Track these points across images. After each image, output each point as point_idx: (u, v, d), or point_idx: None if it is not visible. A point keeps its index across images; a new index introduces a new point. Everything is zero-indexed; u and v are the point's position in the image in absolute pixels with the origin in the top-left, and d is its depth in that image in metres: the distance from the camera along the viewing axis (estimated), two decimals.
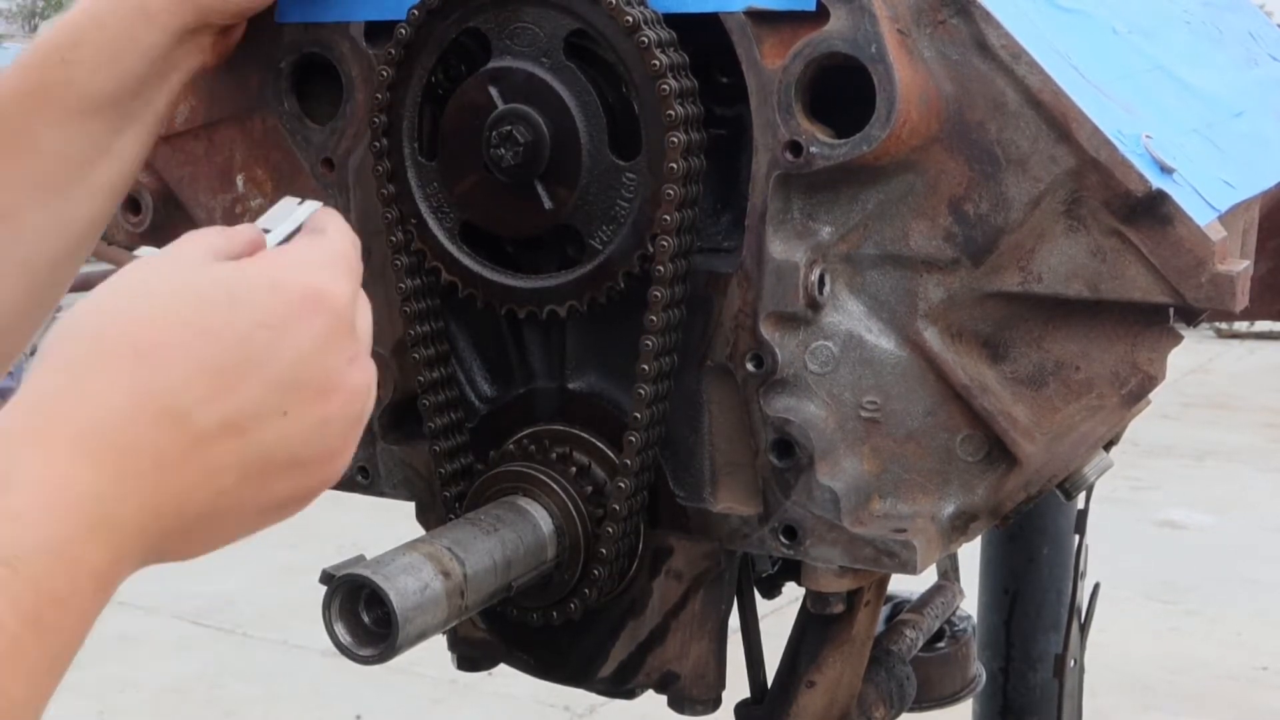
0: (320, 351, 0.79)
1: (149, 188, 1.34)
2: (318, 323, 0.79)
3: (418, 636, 1.01)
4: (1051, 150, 0.99)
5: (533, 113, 1.07)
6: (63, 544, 0.73)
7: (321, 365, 0.79)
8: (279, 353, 0.77)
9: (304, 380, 0.78)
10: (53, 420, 0.74)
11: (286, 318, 0.78)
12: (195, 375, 0.76)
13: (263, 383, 0.77)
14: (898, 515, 1.11)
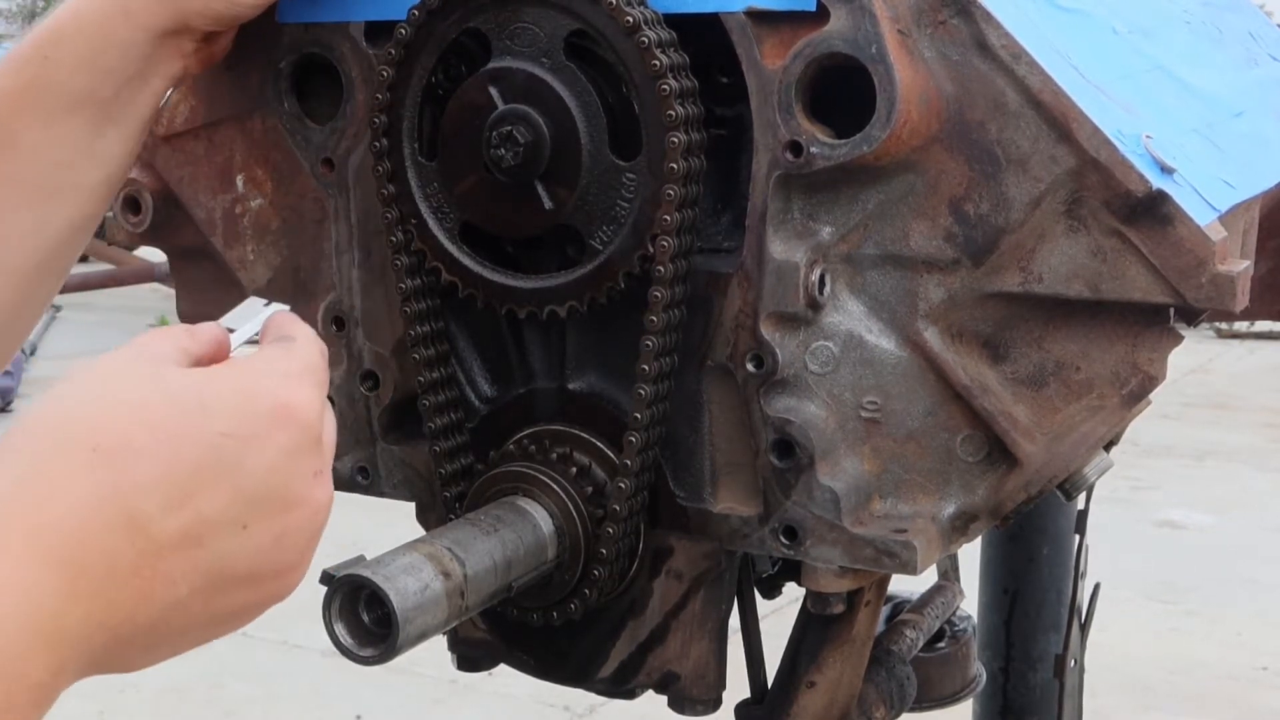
0: (286, 465, 0.77)
1: (149, 188, 1.34)
2: (285, 436, 0.77)
3: (418, 637, 1.01)
4: (1052, 150, 0.99)
5: (533, 113, 1.07)
6: (7, 657, 0.68)
7: (286, 479, 0.77)
8: (245, 464, 0.75)
9: (267, 493, 0.76)
10: (9, 515, 0.70)
11: (256, 429, 0.76)
12: (158, 480, 0.72)
13: (226, 493, 0.75)
14: (898, 515, 1.11)
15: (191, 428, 0.74)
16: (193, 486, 0.73)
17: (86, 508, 0.71)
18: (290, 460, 0.77)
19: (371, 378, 1.27)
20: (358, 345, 1.27)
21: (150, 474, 0.72)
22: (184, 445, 0.73)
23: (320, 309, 1.27)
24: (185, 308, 1.42)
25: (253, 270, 1.32)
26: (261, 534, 0.76)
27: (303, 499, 0.78)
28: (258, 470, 0.76)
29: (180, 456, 0.73)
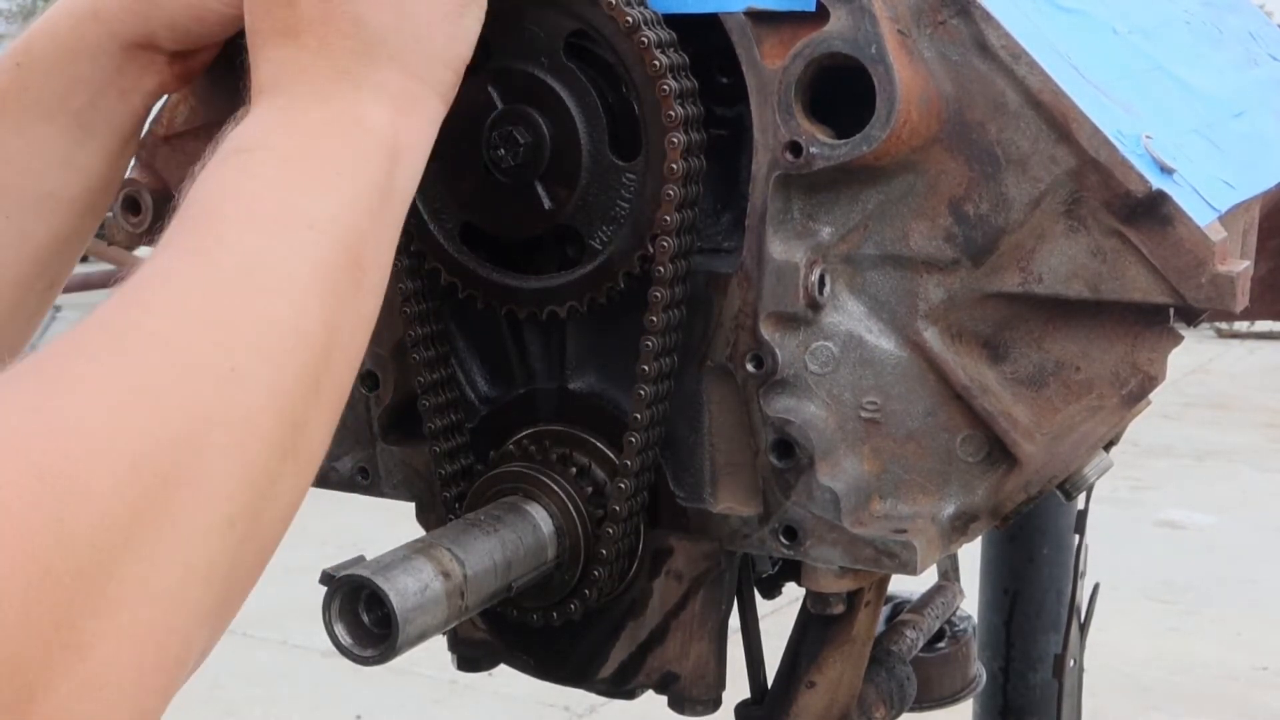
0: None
1: (149, 187, 1.34)
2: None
3: (418, 637, 1.01)
4: (1051, 150, 0.99)
5: (533, 113, 1.07)
6: (280, 123, 0.89)
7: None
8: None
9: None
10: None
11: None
12: (269, 8, 0.92)
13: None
14: (898, 516, 1.11)
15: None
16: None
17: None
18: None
19: (371, 378, 1.27)
20: None
21: (271, 17, 0.92)
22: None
23: None
24: None
25: None
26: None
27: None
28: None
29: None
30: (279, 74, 0.91)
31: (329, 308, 0.82)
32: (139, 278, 0.79)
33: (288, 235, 0.83)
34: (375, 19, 0.91)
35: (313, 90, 0.90)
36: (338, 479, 1.32)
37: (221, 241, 0.81)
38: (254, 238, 0.82)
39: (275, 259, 0.81)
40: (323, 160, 0.87)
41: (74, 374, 0.71)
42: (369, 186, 0.88)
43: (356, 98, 0.90)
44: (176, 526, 0.70)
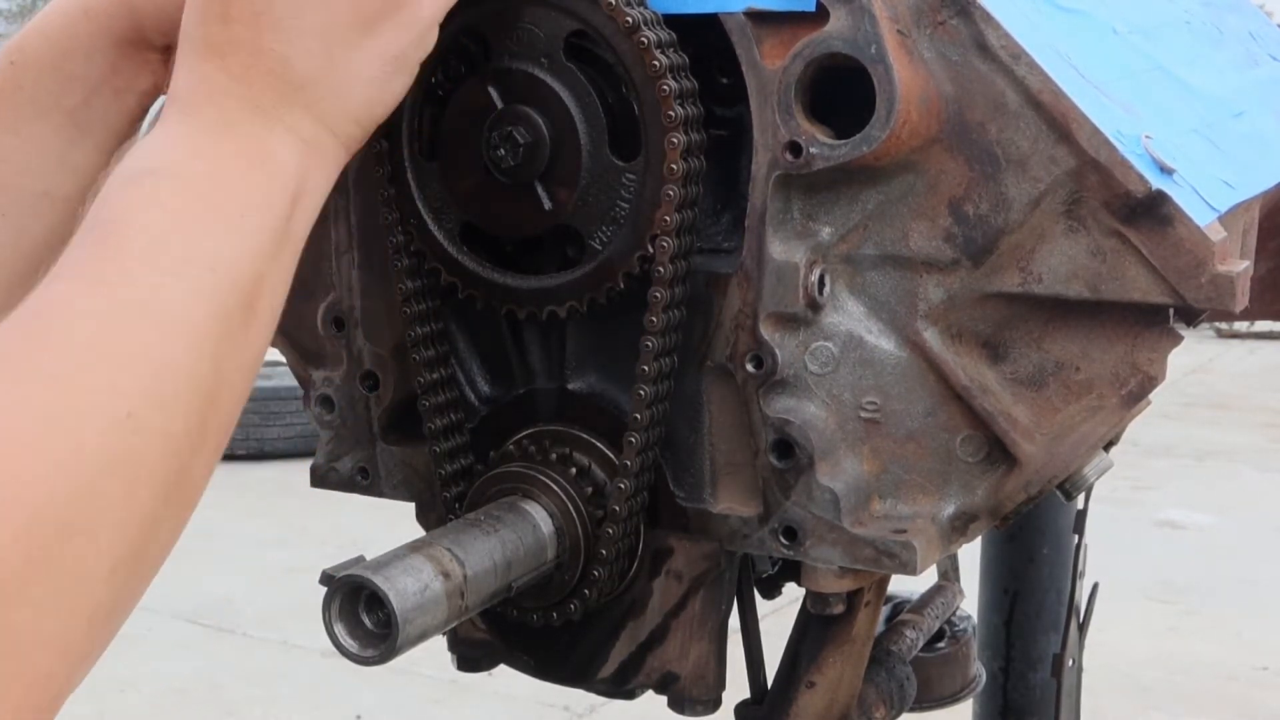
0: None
1: None
2: None
3: (418, 637, 1.01)
4: (1051, 151, 0.99)
5: (533, 113, 1.07)
6: (191, 148, 0.89)
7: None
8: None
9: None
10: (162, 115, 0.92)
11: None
12: (204, 19, 0.92)
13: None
14: (898, 516, 1.11)
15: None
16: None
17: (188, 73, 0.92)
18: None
19: (371, 378, 1.27)
20: (358, 346, 1.27)
21: (196, 16, 0.92)
22: None
23: (320, 309, 1.27)
24: None
25: None
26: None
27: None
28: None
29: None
30: (197, 89, 0.92)
31: (221, 351, 0.83)
32: (40, 303, 0.80)
33: (190, 276, 0.83)
34: (302, 64, 0.92)
35: (226, 117, 0.90)
36: (338, 479, 1.32)
37: (125, 275, 0.82)
38: (157, 276, 0.82)
39: (175, 300, 0.82)
40: (230, 196, 0.88)
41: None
42: (271, 229, 0.89)
43: (266, 135, 0.91)
44: (67, 575, 0.72)
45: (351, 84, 0.94)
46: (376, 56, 0.95)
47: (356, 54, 0.94)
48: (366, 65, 0.94)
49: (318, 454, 1.33)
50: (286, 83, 0.91)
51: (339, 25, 0.92)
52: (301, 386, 1.34)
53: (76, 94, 1.12)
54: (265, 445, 7.31)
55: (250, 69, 0.91)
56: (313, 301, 1.28)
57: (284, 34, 0.91)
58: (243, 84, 0.91)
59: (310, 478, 1.34)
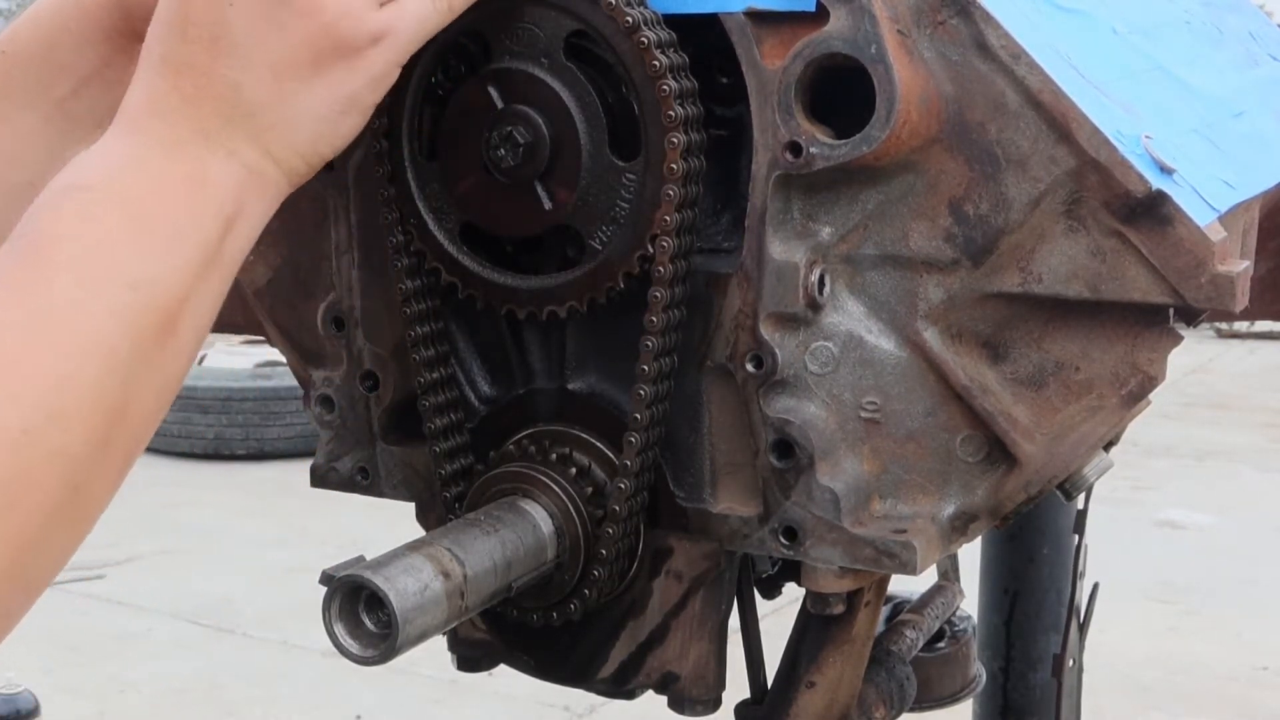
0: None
1: None
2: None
3: (418, 637, 1.01)
4: (1051, 151, 0.99)
5: (533, 113, 1.07)
6: (132, 162, 0.89)
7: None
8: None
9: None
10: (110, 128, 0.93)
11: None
12: (167, 30, 0.93)
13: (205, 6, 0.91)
14: (898, 516, 1.11)
15: None
16: (182, 13, 0.92)
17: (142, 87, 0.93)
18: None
19: (371, 378, 1.27)
20: (358, 346, 1.27)
21: (160, 31, 0.93)
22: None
23: (320, 309, 1.27)
24: None
25: (253, 270, 1.32)
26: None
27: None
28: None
29: (171, 15, 0.93)
30: (146, 105, 0.92)
31: (132, 370, 0.83)
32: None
33: (108, 293, 0.84)
34: (253, 92, 0.92)
35: (169, 136, 0.91)
36: (338, 479, 1.32)
37: (43, 287, 0.82)
38: (75, 290, 0.83)
39: (89, 316, 0.82)
40: (162, 216, 0.88)
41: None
42: (199, 251, 0.89)
43: (208, 158, 0.91)
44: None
45: (300, 118, 0.94)
46: (328, 94, 0.95)
47: (308, 89, 0.94)
48: (317, 102, 0.94)
49: (318, 454, 1.33)
50: (235, 108, 0.92)
51: (293, 59, 0.93)
52: (301, 386, 1.34)
53: (66, 84, 1.12)
54: (265, 445, 7.31)
55: (201, 91, 0.91)
56: (313, 301, 1.28)
57: (238, 60, 0.91)
58: (192, 105, 0.91)
59: (310, 478, 1.34)
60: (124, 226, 0.86)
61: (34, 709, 3.13)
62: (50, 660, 4.77)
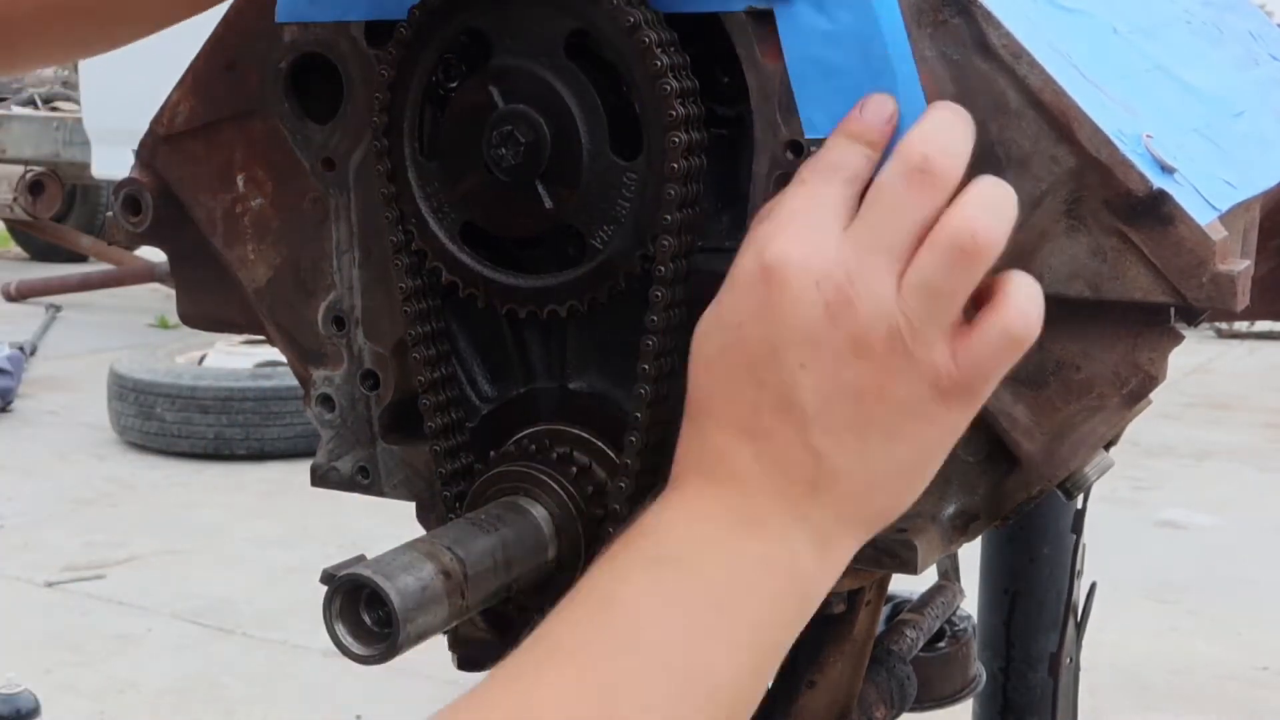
0: (784, 314, 0.86)
1: (149, 187, 1.34)
2: (769, 293, 0.87)
3: (418, 636, 1.01)
4: (1052, 150, 0.99)
5: (533, 113, 1.07)
6: (717, 543, 0.84)
7: (792, 321, 0.86)
8: (763, 335, 0.86)
9: (789, 338, 0.86)
10: (677, 474, 0.90)
11: (751, 308, 0.88)
12: (740, 398, 0.87)
13: (775, 366, 0.86)
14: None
15: (723, 344, 0.89)
16: (749, 387, 0.87)
17: (711, 447, 0.89)
18: (787, 303, 0.86)
19: (372, 377, 1.27)
20: (358, 345, 1.27)
21: (731, 398, 0.87)
22: (729, 362, 0.88)
23: (320, 309, 1.28)
24: (185, 308, 1.42)
25: (253, 270, 1.32)
26: (821, 361, 0.85)
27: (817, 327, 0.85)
28: (770, 329, 0.86)
29: (733, 372, 0.88)
30: (721, 466, 0.86)
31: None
32: (532, 680, 0.80)
33: (690, 701, 0.78)
34: (836, 457, 0.85)
35: (752, 510, 0.85)
36: (338, 478, 1.32)
37: (629, 680, 0.78)
38: (659, 691, 0.78)
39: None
40: (746, 611, 0.82)
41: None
42: (772, 645, 0.84)
43: (792, 535, 0.85)
44: None
45: (880, 480, 0.87)
46: (910, 455, 0.88)
47: (889, 452, 0.87)
48: (900, 461, 0.88)
49: (318, 453, 1.33)
50: (820, 473, 0.85)
51: (874, 422, 0.86)
52: (301, 386, 1.34)
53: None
54: (265, 445, 7.31)
55: (786, 465, 0.85)
56: (313, 301, 1.28)
57: (819, 425, 0.85)
58: (778, 480, 0.85)
59: (310, 477, 1.34)
60: (710, 620, 0.81)
61: (34, 709, 3.13)
62: (50, 660, 4.77)
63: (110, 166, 10.25)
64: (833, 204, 0.89)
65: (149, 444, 7.43)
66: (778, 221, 0.89)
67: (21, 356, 8.75)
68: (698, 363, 0.90)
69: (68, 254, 13.22)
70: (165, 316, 10.61)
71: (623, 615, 0.81)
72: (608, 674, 0.78)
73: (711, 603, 0.81)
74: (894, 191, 0.87)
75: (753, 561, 0.84)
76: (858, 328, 0.85)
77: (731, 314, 0.88)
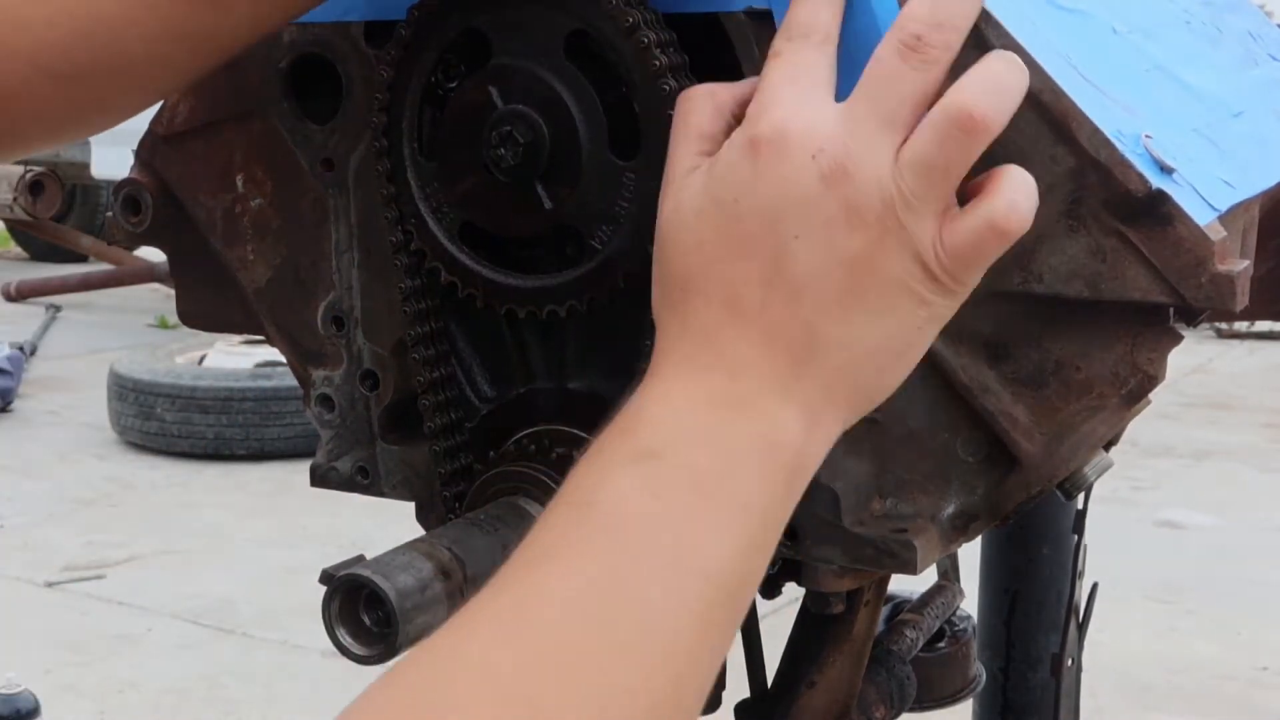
0: (780, 186, 0.85)
1: (149, 187, 1.34)
2: (766, 164, 0.86)
3: (418, 636, 1.01)
4: (1051, 150, 0.99)
5: (532, 113, 1.07)
6: (700, 430, 0.83)
7: (788, 192, 0.86)
8: (759, 208, 0.86)
9: (785, 210, 0.85)
10: (657, 364, 0.88)
11: (746, 181, 0.87)
12: (733, 274, 0.86)
13: (770, 238, 0.85)
14: (898, 515, 1.11)
15: (717, 221, 0.87)
16: (741, 262, 0.86)
17: (697, 330, 0.87)
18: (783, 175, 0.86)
19: (371, 377, 1.27)
20: (358, 345, 1.27)
21: (723, 275, 0.86)
22: (717, 240, 0.87)
23: (320, 309, 1.28)
24: (185, 308, 1.42)
25: (253, 270, 1.32)
26: (814, 230, 0.85)
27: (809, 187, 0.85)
28: (766, 202, 0.86)
29: (723, 249, 0.87)
30: (705, 352, 0.85)
31: (692, 671, 0.77)
32: (512, 589, 0.76)
33: (686, 589, 0.77)
34: (827, 331, 0.85)
35: (739, 393, 0.84)
36: (337, 479, 1.32)
37: (619, 579, 0.77)
38: (655, 589, 0.77)
39: (667, 619, 0.76)
40: (731, 491, 0.82)
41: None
42: (764, 522, 0.83)
43: (779, 414, 0.84)
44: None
45: (867, 356, 0.87)
46: (897, 331, 0.88)
47: (877, 326, 0.87)
48: (884, 339, 0.87)
49: (317, 454, 1.33)
50: (809, 350, 0.85)
51: (864, 295, 0.85)
52: (301, 386, 1.35)
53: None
54: (265, 445, 7.31)
55: (774, 338, 0.84)
56: (313, 301, 1.28)
57: (810, 298, 0.84)
58: (766, 355, 0.84)
59: (310, 477, 1.34)
60: (696, 505, 0.80)
61: (34, 709, 3.13)
62: (50, 660, 4.77)
63: (110, 166, 10.26)
64: (814, 71, 0.89)
65: (149, 444, 7.43)
66: (763, 96, 0.88)
67: (21, 356, 8.76)
68: (681, 247, 0.88)
69: (68, 254, 13.23)
70: (165, 316, 10.62)
71: (608, 516, 0.80)
72: (597, 572, 0.77)
73: (699, 492, 0.81)
74: (890, 64, 0.87)
75: (739, 443, 0.83)
76: (853, 197, 0.84)
77: (725, 190, 0.87)
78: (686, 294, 0.89)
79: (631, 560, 0.78)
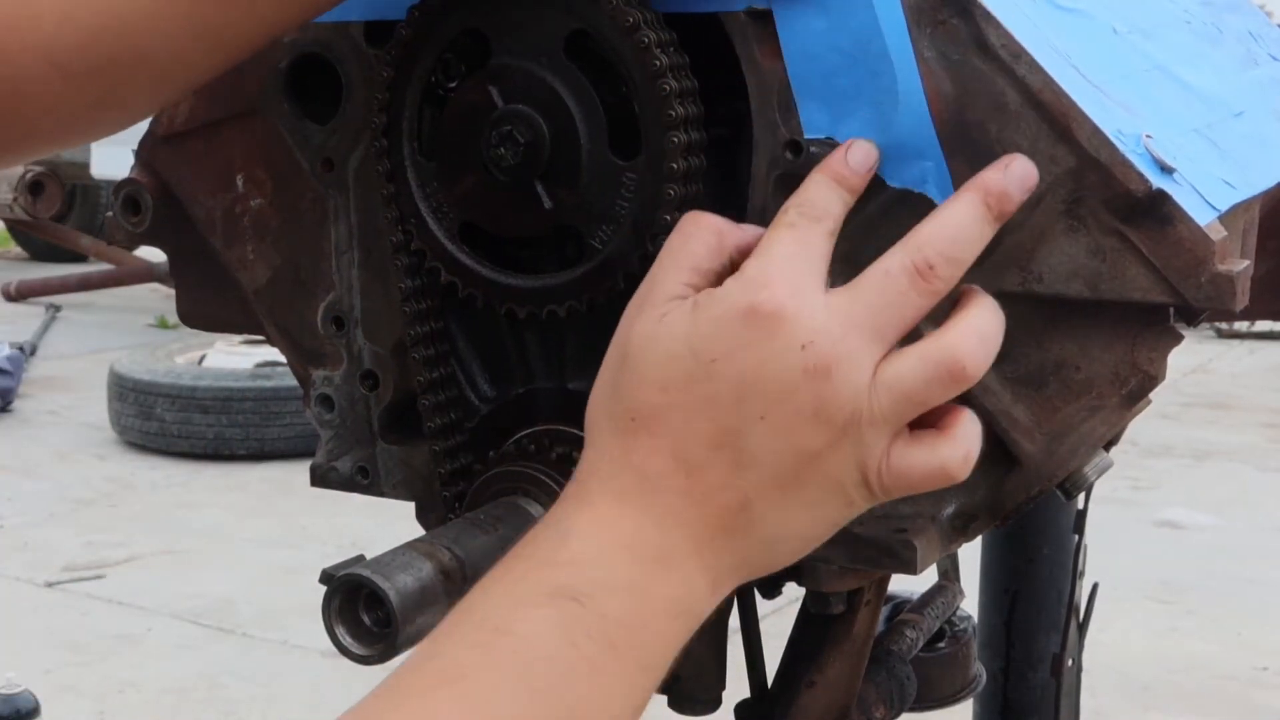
0: (762, 363, 0.87)
1: (149, 188, 1.34)
2: (753, 336, 0.87)
3: (418, 636, 1.01)
4: (1052, 150, 0.99)
5: (532, 113, 1.07)
6: (622, 580, 0.85)
7: (767, 372, 0.87)
8: (733, 374, 0.87)
9: (762, 386, 0.86)
10: (588, 486, 0.90)
11: (730, 344, 0.87)
12: (688, 429, 0.87)
13: (731, 407, 0.86)
14: (898, 515, 1.11)
15: (690, 371, 0.88)
16: (707, 418, 0.87)
17: (646, 467, 0.88)
18: (762, 356, 0.87)
19: (371, 377, 1.27)
20: (358, 345, 1.27)
21: (679, 426, 0.87)
22: (691, 392, 0.87)
23: (320, 309, 1.28)
24: (185, 308, 1.42)
25: (253, 270, 1.32)
26: (781, 416, 0.86)
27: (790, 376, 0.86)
28: (743, 373, 0.86)
29: (696, 402, 0.87)
30: (640, 493, 0.87)
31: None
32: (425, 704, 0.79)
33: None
34: (761, 510, 0.87)
35: (668, 547, 0.86)
36: (337, 478, 1.32)
37: (496, 705, 0.79)
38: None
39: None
40: (642, 650, 0.84)
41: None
42: (657, 677, 0.86)
43: (696, 579, 0.87)
44: None
45: (789, 538, 0.90)
46: (825, 518, 0.90)
47: (809, 512, 0.89)
48: (810, 524, 0.90)
49: (317, 453, 1.33)
50: (739, 521, 0.87)
51: (804, 486, 0.88)
52: (301, 386, 1.35)
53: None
54: (265, 445, 7.31)
55: (709, 501, 0.86)
56: (313, 301, 1.28)
57: (755, 474, 0.86)
58: (698, 516, 0.86)
59: (310, 477, 1.34)
60: (605, 661, 0.82)
61: (34, 709, 3.13)
62: (50, 660, 4.77)
63: (110, 166, 10.25)
64: (820, 256, 0.92)
65: (149, 444, 7.43)
66: (769, 266, 0.90)
67: (21, 356, 8.75)
68: (644, 380, 0.89)
69: (68, 254, 13.23)
70: (165, 316, 10.62)
71: (519, 653, 0.81)
72: (497, 708, 0.79)
73: (611, 647, 0.83)
74: (898, 284, 0.90)
75: (655, 605, 0.85)
76: (827, 397, 0.86)
77: (707, 345, 0.88)
78: (636, 428, 0.90)
79: (535, 705, 0.80)
